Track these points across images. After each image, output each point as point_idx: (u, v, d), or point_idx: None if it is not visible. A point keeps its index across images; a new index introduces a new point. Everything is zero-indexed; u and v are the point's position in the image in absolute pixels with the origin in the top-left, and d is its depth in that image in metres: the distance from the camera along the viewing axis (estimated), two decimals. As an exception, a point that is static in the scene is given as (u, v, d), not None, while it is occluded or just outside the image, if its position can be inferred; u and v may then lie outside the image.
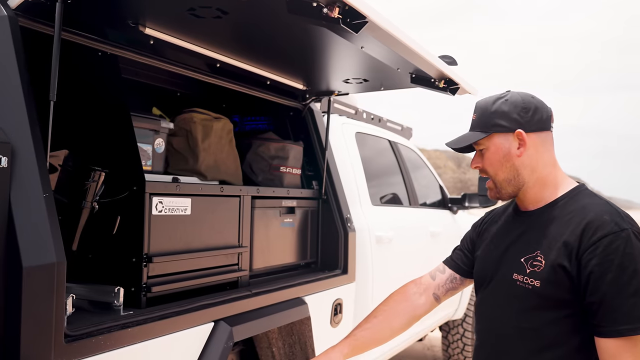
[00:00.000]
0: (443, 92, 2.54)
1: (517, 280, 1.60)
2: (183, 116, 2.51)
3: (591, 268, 1.46)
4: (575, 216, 1.55)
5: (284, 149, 2.90)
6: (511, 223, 1.73)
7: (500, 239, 1.74)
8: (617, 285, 1.43)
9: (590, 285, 1.46)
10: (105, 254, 2.04)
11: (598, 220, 1.49)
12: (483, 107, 1.67)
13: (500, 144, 1.63)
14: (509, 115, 1.61)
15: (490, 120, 1.63)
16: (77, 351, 1.56)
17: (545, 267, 1.54)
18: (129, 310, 1.88)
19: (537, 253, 1.57)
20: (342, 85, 2.88)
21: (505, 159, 1.63)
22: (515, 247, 1.65)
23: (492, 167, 1.65)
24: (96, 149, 2.07)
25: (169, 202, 2.08)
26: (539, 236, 1.60)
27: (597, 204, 1.56)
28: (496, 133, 1.63)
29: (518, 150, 1.62)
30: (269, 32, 2.10)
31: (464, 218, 5.23)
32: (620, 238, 1.45)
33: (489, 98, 1.68)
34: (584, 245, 1.48)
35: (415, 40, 2.01)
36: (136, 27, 1.93)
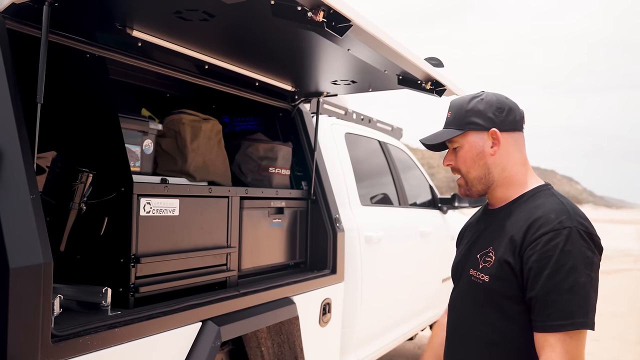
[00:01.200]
0: (430, 94, 2.57)
1: (472, 275, 1.65)
2: (172, 117, 2.53)
3: (531, 264, 1.49)
4: (528, 213, 1.57)
5: (273, 149, 2.92)
6: (479, 221, 1.79)
7: (468, 237, 1.79)
8: (553, 281, 1.45)
9: (529, 281, 1.49)
10: (94, 254, 2.05)
11: (543, 218, 1.52)
12: (458, 106, 1.69)
13: (475, 142, 1.65)
14: (484, 114, 1.64)
15: (465, 118, 1.66)
16: (64, 351, 1.58)
17: (494, 263, 1.57)
18: (117, 311, 1.90)
19: (489, 249, 1.62)
20: (331, 86, 2.90)
21: (479, 157, 1.66)
22: (476, 244, 1.70)
23: (465, 165, 1.68)
24: (84, 150, 2.08)
25: (157, 203, 2.09)
26: (495, 233, 1.64)
27: (550, 203, 1.57)
28: (471, 131, 1.65)
29: (492, 149, 1.64)
30: (257, 35, 2.12)
31: (454, 218, 5.26)
32: (561, 235, 1.47)
33: (464, 97, 1.70)
34: (527, 241, 1.51)
35: (401, 43, 2.03)
36: (124, 29, 1.95)
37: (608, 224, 39.90)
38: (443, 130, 1.71)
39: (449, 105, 1.74)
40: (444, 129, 1.71)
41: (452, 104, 1.72)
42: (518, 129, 1.68)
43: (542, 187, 1.67)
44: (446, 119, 1.72)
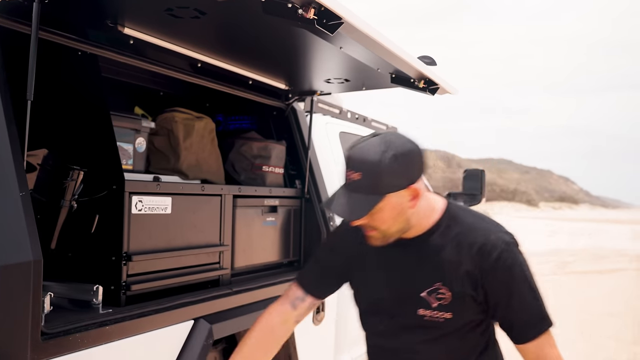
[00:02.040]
0: (423, 92, 2.57)
1: (424, 315, 1.59)
2: (164, 115, 2.52)
3: (498, 294, 1.56)
4: (464, 240, 1.58)
5: (267, 148, 2.91)
6: (392, 252, 1.65)
7: (386, 270, 1.68)
8: (522, 298, 1.55)
9: (501, 307, 1.57)
10: (85, 252, 2.05)
11: (488, 243, 1.56)
12: (369, 167, 1.49)
13: (395, 202, 1.52)
14: (400, 173, 1.50)
15: (381, 182, 1.49)
16: (54, 349, 1.57)
17: (453, 299, 1.57)
18: (108, 309, 1.90)
19: (438, 285, 1.58)
20: (324, 85, 2.90)
21: (400, 215, 1.55)
22: (408, 279, 1.63)
23: (386, 224, 1.56)
24: (76, 148, 2.08)
25: (149, 201, 2.09)
26: (433, 266, 1.59)
27: (478, 224, 1.61)
28: (390, 193, 1.51)
29: (411, 202, 1.55)
30: (249, 33, 2.11)
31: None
32: (507, 253, 1.55)
33: (369, 153, 1.49)
34: (484, 271, 1.55)
35: (393, 41, 2.03)
36: (115, 26, 1.94)
37: (604, 223, 40.02)
38: (358, 198, 1.50)
39: (347, 160, 1.54)
40: (359, 196, 1.50)
41: (358, 162, 1.50)
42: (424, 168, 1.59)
43: (451, 206, 1.64)
44: (354, 182, 1.50)
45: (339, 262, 1.80)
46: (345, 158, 1.56)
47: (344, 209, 1.54)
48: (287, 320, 1.82)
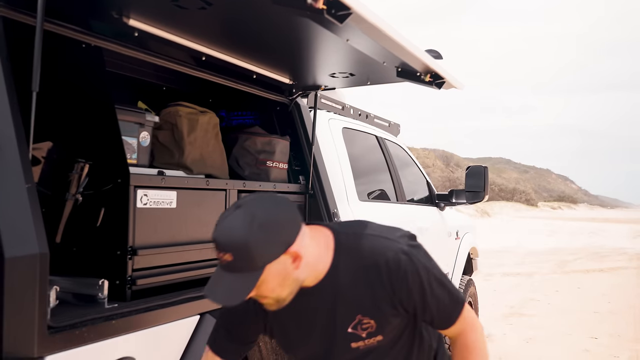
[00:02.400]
0: (429, 86, 2.55)
1: (359, 347, 1.63)
2: (168, 110, 2.50)
3: (414, 302, 1.59)
4: (366, 267, 1.56)
5: (271, 143, 2.89)
6: (300, 303, 1.58)
7: (303, 323, 1.66)
8: (435, 296, 1.59)
9: (419, 311, 1.61)
10: (90, 246, 2.03)
11: (390, 261, 1.55)
12: (238, 245, 1.40)
13: (277, 271, 1.45)
14: (271, 243, 1.42)
15: (256, 256, 1.40)
16: (60, 343, 1.55)
17: (378, 324, 1.60)
18: (114, 303, 1.88)
19: (359, 317, 1.59)
20: (329, 79, 2.88)
21: (286, 279, 1.48)
22: (332, 324, 1.62)
23: (274, 292, 1.49)
24: (80, 141, 2.06)
25: (154, 195, 2.07)
26: (348, 303, 1.59)
27: (372, 244, 1.58)
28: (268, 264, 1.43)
29: (294, 264, 1.47)
30: (255, 25, 2.10)
31: (451, 214, 5.26)
32: (409, 263, 1.56)
33: (233, 230, 1.41)
34: (396, 290, 1.56)
35: (401, 34, 2.01)
36: (120, 18, 1.92)
37: (603, 223, 40.06)
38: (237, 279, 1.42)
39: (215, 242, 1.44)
40: (236, 276, 1.42)
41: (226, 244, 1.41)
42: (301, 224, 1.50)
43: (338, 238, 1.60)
44: (227, 263, 1.42)
45: (248, 331, 1.76)
46: (213, 239, 1.45)
47: (223, 296, 1.45)
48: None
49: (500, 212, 44.50)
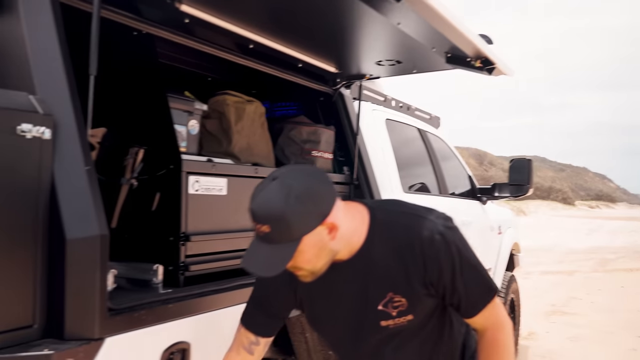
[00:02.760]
0: (479, 72, 2.50)
1: (389, 325, 1.61)
2: (216, 98, 2.50)
3: (444, 282, 1.56)
4: (400, 243, 1.55)
5: (316, 132, 2.87)
6: (332, 277, 1.58)
7: (333, 295, 1.65)
8: (465, 278, 1.56)
9: (448, 292, 1.58)
10: (142, 232, 2.04)
11: (425, 239, 1.53)
12: (275, 217, 1.40)
13: (314, 242, 1.45)
14: (308, 214, 1.42)
15: (293, 228, 1.41)
16: (120, 324, 1.56)
17: (410, 302, 1.58)
18: (168, 289, 1.88)
19: (390, 295, 1.58)
20: (374, 67, 2.85)
21: (322, 250, 1.48)
22: (363, 300, 1.61)
23: (310, 263, 1.49)
24: (133, 128, 2.07)
25: (205, 182, 2.07)
26: (380, 279, 1.58)
27: (409, 221, 1.58)
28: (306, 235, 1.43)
29: (330, 235, 1.47)
30: (304, 10, 2.08)
31: (493, 209, 5.16)
32: (443, 243, 1.53)
33: (271, 202, 1.41)
34: (428, 269, 1.54)
35: (456, 15, 1.97)
36: (172, 3, 1.92)
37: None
38: (275, 250, 1.43)
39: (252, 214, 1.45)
40: (274, 247, 1.43)
41: (263, 216, 1.42)
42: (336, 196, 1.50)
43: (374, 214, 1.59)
44: (265, 235, 1.43)
45: (280, 304, 1.74)
46: (250, 211, 1.46)
47: (260, 267, 1.45)
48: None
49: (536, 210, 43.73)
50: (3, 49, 1.58)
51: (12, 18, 1.58)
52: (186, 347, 1.78)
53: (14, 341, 1.41)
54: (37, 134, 1.46)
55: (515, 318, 5.52)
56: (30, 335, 1.44)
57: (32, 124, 1.45)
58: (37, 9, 1.59)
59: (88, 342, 1.47)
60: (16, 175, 1.42)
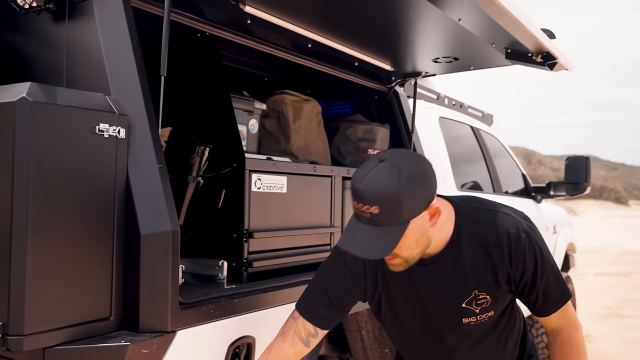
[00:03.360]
0: (540, 67, 2.45)
1: (471, 322, 1.63)
2: (274, 98, 2.54)
3: (525, 279, 1.59)
4: (487, 241, 1.56)
5: (372, 131, 2.88)
6: (417, 272, 1.59)
7: (416, 296, 1.63)
8: (542, 279, 1.59)
9: (527, 290, 1.61)
10: (206, 229, 2.08)
11: (512, 238, 1.55)
12: (387, 198, 1.39)
13: (417, 227, 1.45)
14: (418, 197, 1.43)
15: (404, 210, 1.40)
16: (191, 318, 1.60)
17: (493, 299, 1.61)
18: (232, 284, 1.92)
19: (475, 293, 1.59)
20: (430, 65, 2.82)
21: (422, 236, 1.48)
22: (446, 298, 1.61)
23: (409, 250, 1.49)
24: (197, 127, 2.12)
25: (266, 180, 2.10)
26: (466, 276, 1.58)
27: (494, 219, 1.58)
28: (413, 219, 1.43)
29: (431, 221, 1.48)
30: (362, 7, 2.08)
31: (547, 208, 5.05)
32: (528, 241, 1.56)
33: (383, 183, 1.40)
34: (514, 265, 1.57)
35: (520, 9, 1.94)
36: (237, 4, 1.96)
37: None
38: (381, 233, 1.42)
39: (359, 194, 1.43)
40: (381, 230, 1.42)
41: (373, 196, 1.40)
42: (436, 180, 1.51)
43: (460, 210, 1.59)
44: (372, 215, 1.40)
45: (349, 298, 1.70)
46: (355, 191, 1.44)
47: (365, 249, 1.43)
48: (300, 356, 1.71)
49: (587, 210, 42.44)
50: (81, 52, 1.65)
51: (89, 23, 1.65)
52: (251, 341, 1.81)
53: (92, 332, 1.47)
54: (113, 134, 1.51)
55: (570, 320, 5.39)
56: (107, 327, 1.50)
57: (108, 124, 1.50)
58: (112, 14, 1.65)
59: (161, 335, 1.52)
60: (95, 172, 1.47)
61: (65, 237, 1.41)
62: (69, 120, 1.42)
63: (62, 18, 1.71)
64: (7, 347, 1.33)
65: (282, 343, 1.67)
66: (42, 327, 1.36)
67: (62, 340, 1.40)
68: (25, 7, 1.70)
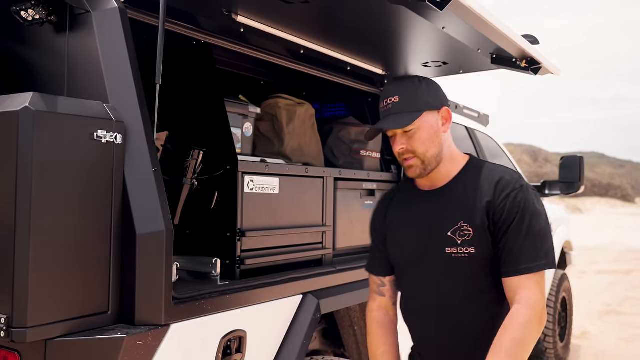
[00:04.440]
0: (525, 72, 2.54)
1: (452, 253, 1.71)
2: (268, 102, 2.64)
3: (502, 221, 1.66)
4: (484, 179, 1.72)
5: (364, 133, 2.96)
6: (417, 203, 1.83)
7: (412, 220, 1.82)
8: (521, 231, 1.63)
9: (500, 235, 1.66)
10: (201, 229, 2.18)
11: (503, 180, 1.69)
12: (407, 89, 1.73)
13: (430, 121, 1.72)
14: (434, 94, 1.74)
15: (420, 100, 1.71)
16: (184, 312, 1.70)
17: (474, 233, 1.68)
18: (225, 281, 2.02)
19: (460, 224, 1.70)
20: (421, 69, 2.91)
21: (435, 135, 1.73)
22: (436, 224, 1.75)
23: (424, 145, 1.72)
24: (193, 131, 2.22)
25: (259, 181, 2.20)
26: (456, 208, 1.73)
27: (497, 167, 1.76)
28: (427, 111, 1.71)
29: (443, 126, 1.75)
30: (352, 16, 2.18)
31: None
32: (522, 192, 1.67)
33: (405, 81, 1.76)
34: (496, 202, 1.67)
35: (499, 19, 2.03)
36: (229, 15, 2.06)
37: None
38: (401, 116, 1.71)
39: (386, 91, 1.77)
40: (401, 114, 1.71)
41: (396, 89, 1.74)
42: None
43: (473, 158, 1.82)
44: (394, 104, 1.73)
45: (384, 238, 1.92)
46: (383, 90, 1.78)
47: (390, 123, 1.72)
48: (386, 307, 1.95)
49: (593, 208, 42.33)
50: (81, 62, 1.75)
51: (88, 34, 1.75)
52: (242, 334, 1.92)
53: (90, 325, 1.57)
54: (110, 139, 1.62)
55: (567, 317, 5.46)
56: (105, 320, 1.61)
57: (106, 130, 1.61)
58: (109, 26, 1.75)
59: (156, 328, 1.62)
60: (93, 176, 1.58)
61: (65, 237, 1.51)
62: (68, 128, 1.52)
63: (64, 30, 1.82)
64: (11, 339, 1.43)
65: (370, 303, 1.98)
66: (44, 320, 1.47)
67: (62, 332, 1.51)
68: (29, 19, 1.80)
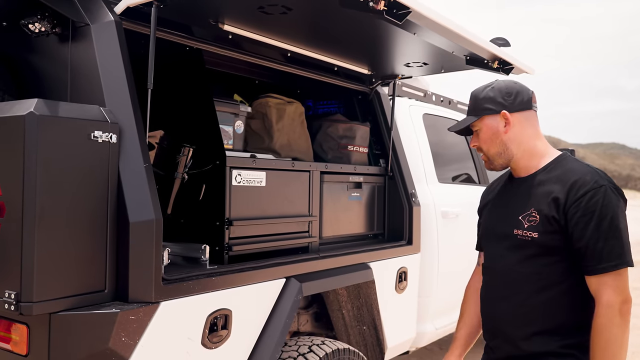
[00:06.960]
0: (497, 72, 2.70)
1: (518, 234, 1.87)
2: (259, 101, 2.84)
3: (576, 220, 1.75)
4: (562, 177, 1.82)
5: (352, 129, 3.16)
6: (507, 188, 2.03)
7: (499, 202, 2.05)
8: (598, 231, 1.72)
9: (576, 234, 1.75)
10: (194, 218, 2.41)
11: (581, 179, 1.78)
12: (475, 95, 1.98)
13: (490, 124, 1.93)
14: (494, 100, 1.92)
15: (480, 106, 1.94)
16: (172, 292, 1.93)
17: (540, 220, 1.82)
18: (214, 266, 2.24)
19: (531, 210, 1.85)
20: (405, 69, 3.09)
21: (495, 136, 1.93)
22: (512, 208, 1.93)
23: (486, 144, 1.95)
24: (185, 129, 2.44)
25: (246, 175, 2.41)
26: (532, 196, 1.87)
27: (580, 167, 1.83)
28: (486, 115, 1.93)
29: (504, 128, 1.91)
30: (331, 24, 2.37)
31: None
32: (600, 193, 1.75)
33: (480, 87, 1.98)
34: (570, 200, 1.77)
35: (462, 26, 2.20)
36: (216, 24, 2.26)
37: None
38: (465, 117, 2.01)
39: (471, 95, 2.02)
40: (466, 117, 2.00)
41: (471, 94, 2.00)
42: (528, 108, 1.93)
43: (565, 155, 1.93)
44: (467, 108, 2.01)
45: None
46: None
47: (454, 126, 2.03)
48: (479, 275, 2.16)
49: (611, 200, 41.71)
50: (81, 69, 1.98)
51: (88, 44, 1.97)
52: (228, 313, 2.14)
53: (89, 302, 1.81)
54: (106, 139, 1.84)
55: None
56: (102, 298, 1.84)
57: (102, 131, 1.83)
58: (106, 37, 1.97)
59: (147, 305, 1.85)
60: (91, 171, 1.80)
61: (67, 225, 1.75)
62: (69, 129, 1.75)
63: (67, 40, 2.04)
64: (20, 312, 1.67)
65: (472, 278, 2.22)
66: (48, 296, 1.70)
67: (64, 307, 1.75)
68: (36, 31, 2.03)
